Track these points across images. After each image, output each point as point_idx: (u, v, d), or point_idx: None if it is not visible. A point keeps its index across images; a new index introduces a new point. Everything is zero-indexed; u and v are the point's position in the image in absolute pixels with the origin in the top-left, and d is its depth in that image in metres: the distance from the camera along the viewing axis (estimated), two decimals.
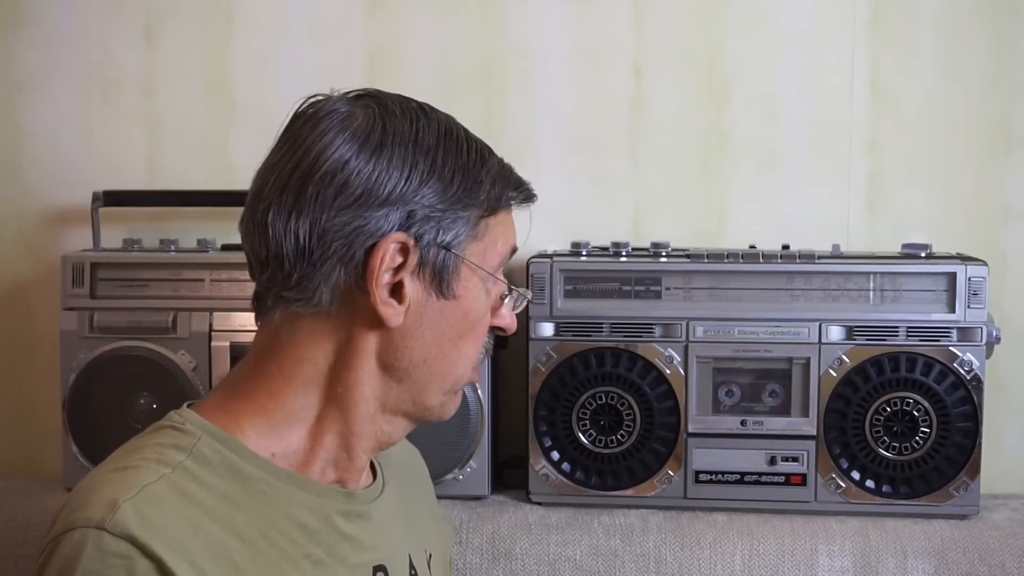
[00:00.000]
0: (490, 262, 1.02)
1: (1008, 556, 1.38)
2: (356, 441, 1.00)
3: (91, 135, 1.69)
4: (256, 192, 0.98)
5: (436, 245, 0.97)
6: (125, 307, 1.49)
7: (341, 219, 0.94)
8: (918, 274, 1.41)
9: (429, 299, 0.98)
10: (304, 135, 0.97)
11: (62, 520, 0.89)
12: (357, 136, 0.96)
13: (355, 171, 0.95)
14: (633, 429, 1.43)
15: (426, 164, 0.97)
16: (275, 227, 0.95)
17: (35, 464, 1.69)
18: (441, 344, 1.00)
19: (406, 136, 0.97)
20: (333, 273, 0.95)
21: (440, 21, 1.65)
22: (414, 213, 0.96)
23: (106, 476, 0.92)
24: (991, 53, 1.59)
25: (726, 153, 1.63)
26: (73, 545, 0.87)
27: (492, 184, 1.00)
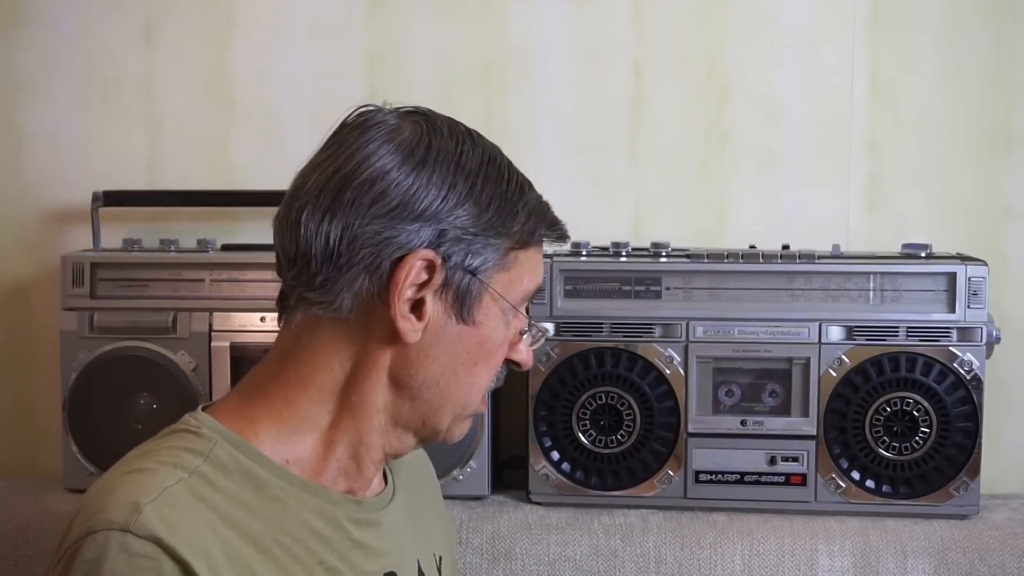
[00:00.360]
0: (514, 295, 1.02)
1: (1008, 556, 1.38)
2: (366, 452, 1.00)
3: (91, 135, 1.69)
4: (294, 190, 0.99)
5: (463, 268, 0.97)
6: (125, 307, 1.49)
7: (373, 227, 0.95)
8: (918, 274, 1.41)
9: (448, 321, 0.98)
10: (350, 141, 0.98)
11: (81, 523, 0.90)
12: (402, 148, 0.97)
13: (394, 182, 0.95)
14: (633, 429, 1.43)
15: (465, 186, 0.97)
16: (308, 226, 0.96)
17: (35, 464, 1.69)
18: (455, 368, 1.00)
19: (450, 156, 0.97)
20: (357, 280, 0.96)
21: (440, 21, 1.65)
22: (445, 233, 0.96)
23: (122, 479, 0.92)
24: (991, 53, 1.60)
25: (726, 153, 1.63)
26: (97, 548, 0.87)
27: (528, 218, 1.01)
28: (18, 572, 1.45)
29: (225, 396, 1.03)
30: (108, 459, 1.49)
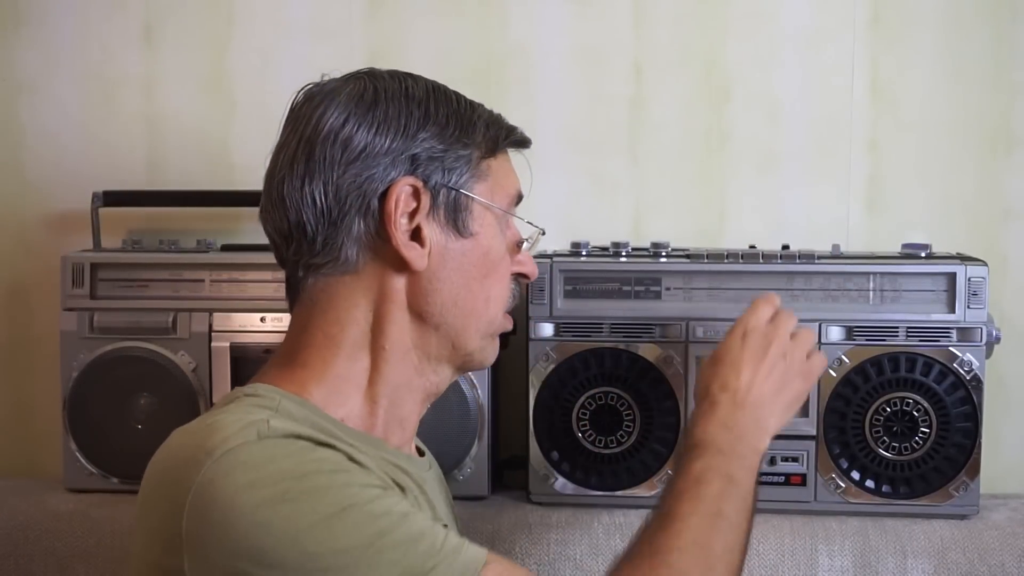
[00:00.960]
0: (500, 201, 1.07)
1: (1008, 556, 1.38)
2: (408, 395, 1.05)
3: (91, 135, 1.69)
4: (268, 174, 1.05)
5: (445, 186, 1.03)
6: (125, 307, 1.49)
7: (351, 173, 1.00)
8: (918, 274, 1.41)
9: (448, 240, 1.03)
10: (303, 113, 1.04)
11: (195, 464, 0.89)
12: (352, 99, 1.03)
13: (355, 127, 1.01)
14: (633, 429, 1.43)
15: (420, 112, 1.03)
16: (291, 197, 1.01)
17: (35, 464, 1.69)
18: (468, 284, 1.04)
19: (396, 92, 1.04)
20: (353, 227, 1.00)
21: (440, 21, 1.65)
22: (417, 156, 1.01)
23: (214, 420, 0.94)
24: (991, 53, 1.60)
25: (726, 153, 1.64)
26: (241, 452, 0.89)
27: (487, 127, 1.07)
28: (18, 572, 1.45)
29: (259, 375, 1.04)
30: (108, 459, 1.51)
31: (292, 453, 0.91)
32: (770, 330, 1.18)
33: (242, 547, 0.87)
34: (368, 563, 0.88)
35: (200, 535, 0.88)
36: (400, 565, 0.88)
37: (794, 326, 1.20)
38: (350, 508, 0.89)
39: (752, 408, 1.13)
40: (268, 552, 0.86)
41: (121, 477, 1.49)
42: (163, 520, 0.90)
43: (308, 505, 0.88)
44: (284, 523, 0.87)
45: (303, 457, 0.91)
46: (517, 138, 1.11)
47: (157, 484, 0.94)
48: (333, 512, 0.88)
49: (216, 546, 0.87)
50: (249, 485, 0.88)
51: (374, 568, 0.88)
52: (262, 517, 0.87)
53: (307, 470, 0.90)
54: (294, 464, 0.90)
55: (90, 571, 1.44)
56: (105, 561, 1.44)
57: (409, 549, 0.89)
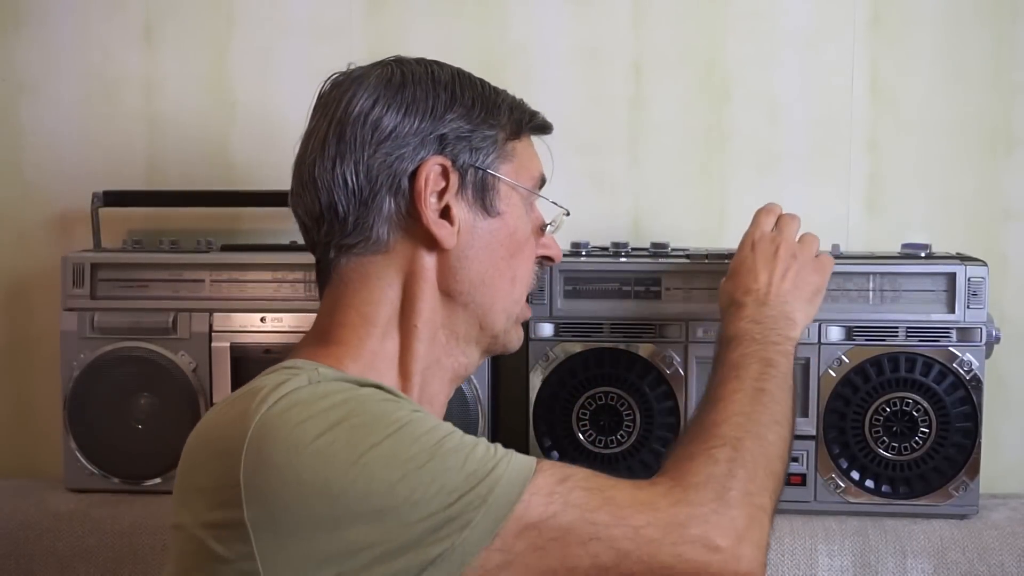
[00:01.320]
0: (525, 182, 1.10)
1: (1008, 556, 1.38)
2: (438, 373, 1.07)
3: (91, 135, 1.69)
4: (299, 159, 1.07)
5: (472, 166, 1.05)
6: (125, 308, 1.49)
7: (381, 152, 1.02)
8: (918, 274, 1.41)
9: (476, 219, 1.06)
10: (332, 98, 1.06)
11: (247, 415, 0.91)
12: (380, 82, 1.05)
13: (384, 108, 1.03)
14: (633, 429, 1.43)
15: (446, 94, 1.06)
16: (323, 179, 1.03)
17: (35, 464, 1.69)
18: (495, 262, 1.07)
19: (422, 76, 1.06)
20: (384, 206, 1.03)
21: (440, 21, 1.65)
22: (445, 136, 1.04)
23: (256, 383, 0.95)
24: (991, 53, 1.60)
25: (726, 153, 1.64)
26: (294, 395, 0.92)
27: (510, 110, 1.10)
28: (18, 572, 1.45)
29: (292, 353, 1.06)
30: (108, 459, 1.51)
31: (343, 389, 0.94)
32: (776, 235, 1.27)
33: (305, 479, 0.88)
34: (433, 470, 0.90)
35: (261, 479, 0.88)
36: (464, 469, 0.91)
37: (798, 227, 1.28)
38: (407, 425, 0.92)
39: (776, 303, 1.21)
40: (332, 481, 0.88)
41: (121, 477, 1.49)
42: (217, 477, 0.91)
43: (366, 429, 0.90)
44: (345, 449, 0.88)
45: (354, 392, 0.94)
46: (539, 122, 1.14)
47: (205, 446, 0.95)
48: (391, 431, 0.90)
49: (278, 486, 0.88)
50: (306, 419, 0.90)
51: (440, 474, 0.90)
52: (322, 446, 0.88)
53: (360, 400, 0.93)
54: (346, 397, 0.93)
55: (90, 571, 1.44)
56: (105, 561, 1.44)
57: (469, 453, 0.92)
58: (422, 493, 0.89)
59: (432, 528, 0.89)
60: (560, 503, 0.93)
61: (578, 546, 0.92)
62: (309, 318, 1.45)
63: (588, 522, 0.93)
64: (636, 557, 0.93)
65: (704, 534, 0.95)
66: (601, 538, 0.93)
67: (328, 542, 0.87)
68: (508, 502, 0.91)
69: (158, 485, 1.48)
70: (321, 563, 0.88)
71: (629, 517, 0.94)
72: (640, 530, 0.94)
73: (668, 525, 0.94)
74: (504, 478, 0.92)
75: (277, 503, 0.88)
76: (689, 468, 1.00)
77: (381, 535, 0.88)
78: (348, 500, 0.88)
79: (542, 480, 0.94)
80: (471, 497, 0.90)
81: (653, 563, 0.93)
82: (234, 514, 0.89)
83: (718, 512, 0.96)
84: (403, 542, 0.88)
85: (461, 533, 0.89)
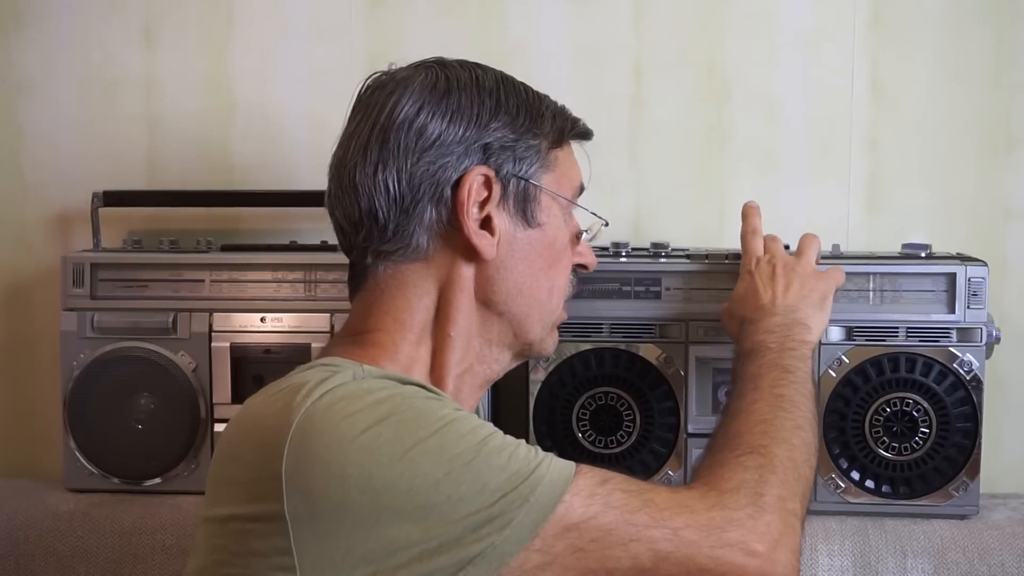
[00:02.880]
0: (566, 192, 1.10)
1: (1008, 556, 1.38)
2: (470, 379, 1.07)
3: (91, 135, 1.69)
4: (339, 161, 1.06)
5: (515, 176, 1.05)
6: (125, 307, 1.49)
7: (425, 161, 1.02)
8: (918, 274, 1.41)
9: (517, 229, 1.05)
10: (375, 100, 1.05)
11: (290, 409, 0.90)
12: (425, 88, 1.04)
13: (429, 116, 1.02)
14: (633, 429, 1.43)
15: (491, 101, 1.05)
16: (364, 184, 1.02)
17: (35, 464, 1.69)
18: (534, 273, 1.07)
19: (467, 82, 1.05)
20: (425, 215, 1.02)
21: (440, 21, 1.65)
22: (490, 146, 1.03)
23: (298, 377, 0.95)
24: (991, 53, 1.60)
25: (726, 153, 1.64)
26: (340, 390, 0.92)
27: (554, 117, 1.10)
28: (18, 572, 1.45)
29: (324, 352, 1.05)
30: (108, 459, 1.51)
31: (388, 386, 0.93)
32: (769, 257, 1.28)
33: (349, 473, 0.87)
34: (477, 469, 0.89)
35: (304, 471, 0.87)
36: (507, 469, 0.91)
37: (781, 244, 1.31)
38: (452, 423, 0.91)
39: (786, 312, 1.22)
40: (376, 476, 0.87)
41: (121, 477, 1.49)
42: (256, 468, 0.90)
43: (411, 425, 0.90)
44: (390, 444, 0.88)
45: (399, 389, 0.94)
46: (581, 129, 1.15)
47: (245, 438, 0.94)
48: (436, 428, 0.90)
49: (322, 479, 0.87)
50: (352, 414, 0.89)
51: (483, 473, 0.89)
52: (368, 441, 0.88)
53: (405, 397, 0.93)
54: (391, 394, 0.92)
55: (90, 571, 1.44)
56: (105, 561, 1.44)
57: (512, 453, 0.92)
58: (466, 491, 0.88)
59: (473, 526, 0.88)
60: (601, 504, 0.93)
61: (618, 547, 0.92)
62: (309, 318, 1.46)
63: (628, 523, 0.93)
64: (675, 559, 0.93)
65: (742, 538, 0.95)
66: (641, 539, 0.92)
67: (368, 539, 0.87)
68: (550, 502, 0.91)
69: (158, 485, 1.48)
70: (359, 560, 0.87)
71: (668, 519, 0.94)
72: (679, 532, 0.94)
73: (706, 528, 0.95)
74: (546, 479, 0.92)
75: (319, 497, 0.87)
76: (721, 474, 1.01)
77: (422, 532, 0.88)
78: (391, 496, 0.87)
79: (583, 482, 0.94)
80: (513, 496, 0.90)
81: (691, 565, 0.93)
82: (273, 507, 0.88)
83: (753, 517, 0.96)
84: (443, 540, 0.88)
85: (502, 532, 0.89)
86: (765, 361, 1.16)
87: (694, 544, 0.93)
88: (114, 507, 1.47)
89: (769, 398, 1.10)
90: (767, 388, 1.12)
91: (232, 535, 0.91)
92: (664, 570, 0.93)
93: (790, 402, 1.10)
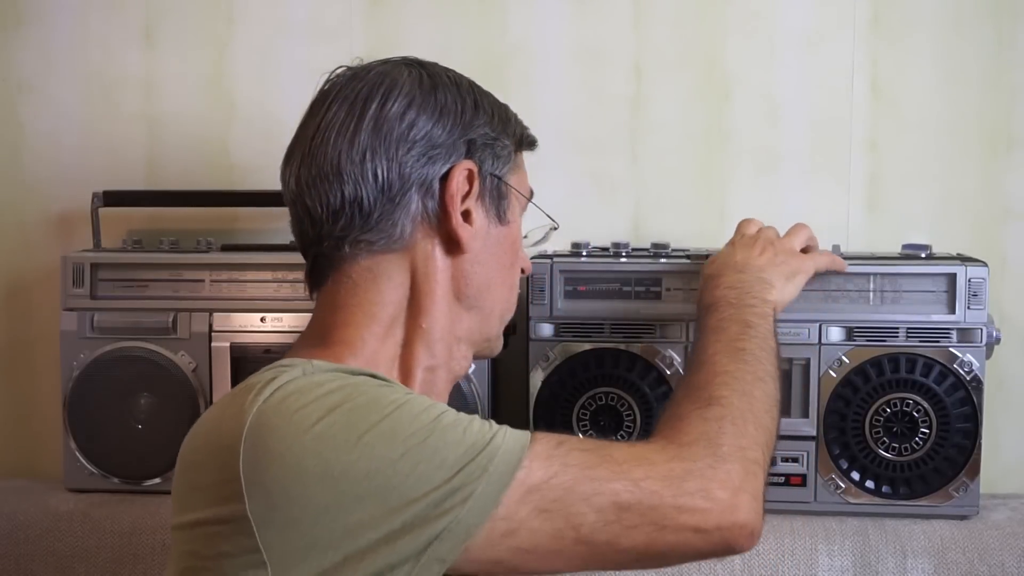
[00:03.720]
0: (525, 193, 1.12)
1: (1008, 556, 1.38)
2: (439, 374, 1.07)
3: (91, 135, 1.69)
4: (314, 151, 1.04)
5: (491, 173, 1.07)
6: (125, 307, 1.49)
7: (415, 152, 1.03)
8: (918, 275, 1.41)
9: (491, 225, 1.07)
10: (356, 92, 1.05)
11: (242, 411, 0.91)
12: (414, 84, 1.05)
13: (421, 108, 1.04)
14: (633, 430, 1.43)
15: (471, 99, 1.07)
16: (350, 172, 1.02)
17: (35, 464, 1.69)
18: (501, 270, 1.09)
19: (448, 79, 1.08)
20: (412, 205, 1.03)
21: (440, 21, 1.65)
22: (474, 142, 1.06)
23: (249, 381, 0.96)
24: (991, 53, 1.59)
25: (726, 153, 1.63)
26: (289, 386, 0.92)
27: (515, 121, 1.12)
28: (18, 572, 1.45)
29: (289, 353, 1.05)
30: (108, 459, 1.51)
31: (338, 378, 0.94)
32: (756, 232, 1.33)
33: (306, 465, 0.88)
34: (433, 446, 0.90)
35: (261, 469, 0.88)
36: (463, 443, 0.91)
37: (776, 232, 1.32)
38: (403, 405, 0.92)
39: (753, 271, 1.24)
40: (333, 464, 0.88)
41: (121, 477, 1.49)
42: (215, 472, 0.91)
43: (364, 411, 0.91)
44: (344, 432, 0.89)
45: (349, 379, 0.94)
46: (531, 138, 1.16)
47: (202, 445, 0.95)
48: (388, 412, 0.91)
49: (279, 473, 0.88)
50: (303, 407, 0.90)
51: (440, 449, 0.90)
52: (321, 431, 0.89)
53: (355, 385, 0.93)
54: (341, 384, 0.93)
55: (90, 571, 1.44)
56: (105, 561, 1.44)
57: (467, 427, 0.93)
58: (424, 468, 0.89)
59: (435, 502, 0.89)
60: (559, 464, 0.94)
61: (581, 502, 0.93)
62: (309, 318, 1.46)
63: (588, 479, 0.93)
64: (638, 510, 0.94)
65: (703, 486, 0.96)
66: (603, 492, 0.93)
67: (332, 527, 0.87)
68: (509, 470, 0.92)
69: (158, 485, 1.48)
70: (326, 549, 0.88)
71: (628, 471, 0.95)
72: (640, 483, 0.94)
73: (667, 478, 0.95)
74: (503, 448, 0.93)
75: (279, 493, 0.88)
76: (680, 427, 1.02)
77: (385, 514, 0.88)
78: (350, 481, 0.88)
79: (539, 447, 0.94)
80: (472, 468, 0.90)
81: (654, 514, 0.94)
82: (236, 508, 0.88)
83: (713, 467, 0.97)
84: (407, 520, 0.88)
85: (464, 505, 0.90)
86: (726, 315, 1.17)
87: (656, 494, 0.94)
88: (114, 507, 1.47)
89: (731, 351, 1.12)
90: (728, 341, 1.13)
91: (200, 540, 0.92)
92: (628, 521, 0.94)
93: (751, 355, 1.11)
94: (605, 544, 0.94)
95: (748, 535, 0.97)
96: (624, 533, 0.94)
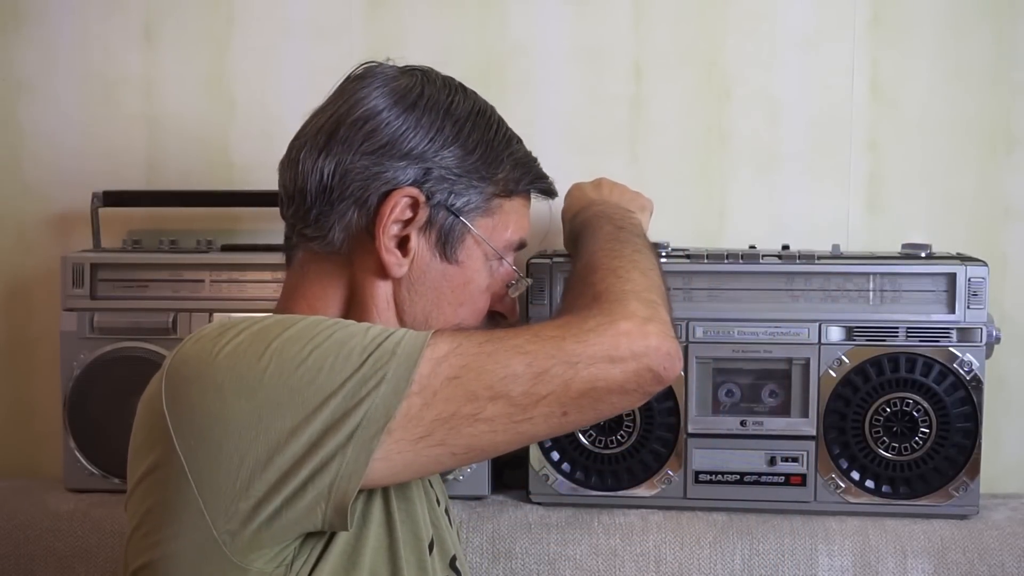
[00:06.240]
0: (497, 241, 1.09)
1: (1008, 556, 1.38)
2: None
3: (91, 135, 1.69)
4: (298, 133, 1.08)
5: (446, 208, 1.05)
6: (125, 308, 1.49)
7: (363, 163, 1.03)
8: (918, 274, 1.41)
9: (433, 259, 1.06)
10: (350, 88, 1.07)
11: (163, 365, 0.96)
12: (395, 92, 1.05)
13: (384, 121, 1.03)
14: (633, 429, 1.43)
15: (452, 131, 1.05)
16: (304, 163, 1.05)
17: (35, 464, 1.69)
18: (441, 306, 1.07)
19: (440, 103, 1.06)
20: (347, 214, 1.04)
21: (440, 21, 1.65)
22: (431, 172, 1.04)
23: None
24: (991, 53, 1.59)
25: (726, 153, 1.63)
26: (204, 328, 0.96)
27: (513, 167, 1.09)
28: (18, 572, 1.45)
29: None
30: (108, 459, 1.51)
31: (247, 318, 0.96)
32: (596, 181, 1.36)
33: (221, 381, 0.90)
34: (339, 340, 0.92)
35: (181, 398, 0.91)
36: (368, 335, 0.93)
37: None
38: (307, 318, 0.95)
39: (612, 202, 1.26)
40: (246, 376, 0.90)
41: (121, 477, 1.49)
42: (146, 425, 0.94)
43: (270, 328, 0.93)
44: (253, 346, 0.91)
45: (257, 317, 0.97)
46: (543, 187, 1.15)
47: (138, 412, 0.98)
48: (293, 323, 0.94)
49: (198, 397, 0.90)
50: (214, 338, 0.93)
51: (345, 343, 0.92)
52: (231, 349, 0.91)
53: (261, 317, 0.96)
54: (250, 319, 0.95)
55: (90, 571, 1.44)
56: (105, 561, 1.44)
57: (369, 331, 0.94)
58: (333, 361, 0.91)
59: (351, 392, 0.90)
60: (463, 336, 0.96)
61: (488, 359, 0.94)
62: None
63: (491, 340, 0.95)
64: (544, 352, 0.95)
65: (603, 321, 0.97)
66: (506, 348, 0.94)
67: (257, 440, 0.89)
68: (415, 350, 0.93)
69: None
70: (262, 468, 0.89)
71: (528, 329, 0.97)
72: (539, 332, 0.96)
73: (566, 324, 0.97)
74: (408, 335, 0.94)
75: (201, 415, 0.90)
76: (575, 304, 1.03)
77: (305, 416, 0.90)
78: (267, 389, 0.90)
79: (442, 331, 0.96)
80: (380, 353, 0.92)
81: (562, 354, 0.95)
82: (165, 447, 0.91)
83: (614, 311, 0.98)
84: (326, 419, 0.90)
85: (379, 388, 0.91)
86: (599, 225, 1.18)
87: (557, 337, 0.96)
88: (114, 507, 1.47)
89: (609, 239, 1.13)
90: (604, 240, 1.14)
91: (141, 495, 0.95)
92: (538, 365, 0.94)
93: (628, 243, 1.12)
94: (523, 395, 0.94)
95: (665, 355, 0.97)
96: (538, 379, 0.94)
